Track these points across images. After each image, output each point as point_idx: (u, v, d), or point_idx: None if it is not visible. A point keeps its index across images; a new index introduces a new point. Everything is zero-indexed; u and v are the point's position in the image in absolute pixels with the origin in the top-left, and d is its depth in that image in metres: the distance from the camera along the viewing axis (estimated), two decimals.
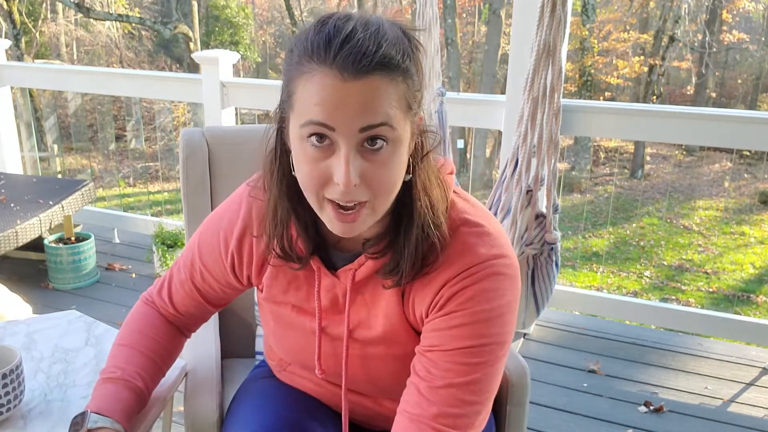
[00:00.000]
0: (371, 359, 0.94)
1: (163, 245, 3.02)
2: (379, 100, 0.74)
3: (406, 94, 0.78)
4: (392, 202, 0.83)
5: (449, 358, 0.83)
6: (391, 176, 0.79)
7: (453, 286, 0.84)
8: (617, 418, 2.12)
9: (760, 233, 8.66)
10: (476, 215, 0.88)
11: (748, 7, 13.28)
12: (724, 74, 14.85)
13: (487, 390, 0.85)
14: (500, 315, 0.84)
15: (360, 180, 0.76)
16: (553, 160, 2.12)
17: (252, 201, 0.96)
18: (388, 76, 0.75)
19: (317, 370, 0.97)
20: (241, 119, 3.55)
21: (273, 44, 17.55)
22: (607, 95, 13.58)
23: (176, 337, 1.08)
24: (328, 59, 0.73)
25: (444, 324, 0.84)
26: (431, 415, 0.83)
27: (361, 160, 0.76)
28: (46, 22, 13.95)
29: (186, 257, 1.04)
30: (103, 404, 0.94)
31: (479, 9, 15.42)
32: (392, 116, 0.76)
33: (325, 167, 0.77)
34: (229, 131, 1.60)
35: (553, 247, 2.17)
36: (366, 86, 0.73)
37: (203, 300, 1.05)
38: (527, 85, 2.08)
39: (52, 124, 10.29)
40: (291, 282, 0.95)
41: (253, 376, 1.18)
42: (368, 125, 0.74)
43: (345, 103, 0.73)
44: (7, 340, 1.33)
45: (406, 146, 0.80)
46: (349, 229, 0.81)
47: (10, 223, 2.76)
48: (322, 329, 0.95)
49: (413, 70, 0.78)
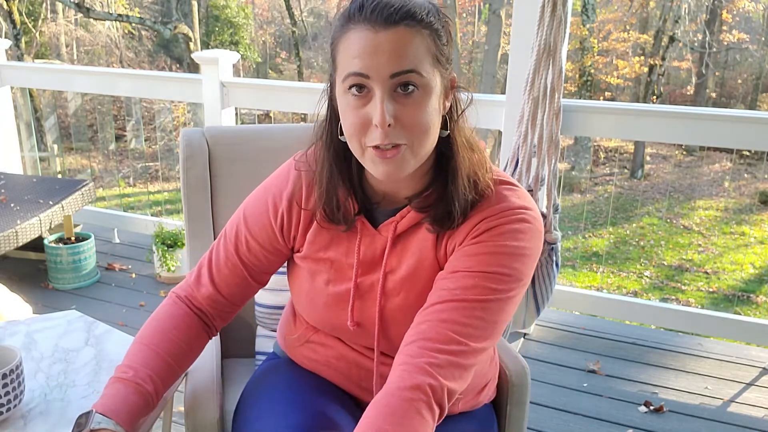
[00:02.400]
0: (392, 311, 0.99)
1: (163, 245, 3.02)
2: (407, 48, 0.85)
3: (433, 47, 0.87)
4: (432, 155, 0.93)
5: (471, 279, 0.90)
6: (424, 118, 0.87)
7: (489, 222, 0.93)
8: (617, 418, 2.12)
9: (760, 233, 8.66)
10: (509, 178, 0.99)
11: (748, 7, 13.28)
12: (724, 74, 14.85)
13: (496, 317, 0.91)
14: (523, 255, 0.92)
15: (395, 121, 0.86)
16: (553, 160, 2.12)
17: (299, 171, 1.03)
18: (414, 27, 0.85)
19: (349, 322, 1.01)
20: (241, 119, 3.56)
21: (273, 44, 17.55)
22: (607, 95, 13.56)
23: (199, 337, 1.08)
24: (362, 17, 0.85)
25: (473, 250, 0.92)
26: (442, 318, 0.89)
27: (395, 104, 0.86)
28: (46, 22, 13.95)
29: (227, 235, 1.07)
30: (110, 405, 0.94)
31: (479, 9, 15.43)
32: (420, 64, 0.86)
33: (365, 114, 0.87)
34: (229, 131, 1.60)
35: (554, 247, 2.17)
36: (394, 35, 0.84)
37: (247, 274, 1.07)
38: (527, 85, 2.08)
39: (52, 124, 10.28)
40: (333, 239, 1.02)
41: (266, 368, 1.18)
42: (398, 71, 0.85)
43: (377, 52, 0.84)
44: (7, 340, 1.33)
45: (437, 95, 0.89)
46: (392, 169, 0.88)
47: (10, 223, 2.76)
48: (357, 284, 1.00)
49: (440, 29, 0.88)
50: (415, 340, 0.89)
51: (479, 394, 1.13)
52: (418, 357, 0.87)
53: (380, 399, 0.85)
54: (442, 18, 0.89)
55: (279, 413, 1.01)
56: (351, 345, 1.06)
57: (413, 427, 0.82)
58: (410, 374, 0.85)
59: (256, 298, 1.45)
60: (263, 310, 1.44)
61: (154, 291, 2.98)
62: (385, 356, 1.03)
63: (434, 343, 0.87)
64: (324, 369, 1.10)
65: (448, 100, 0.94)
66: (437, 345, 0.87)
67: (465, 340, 0.88)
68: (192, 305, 1.08)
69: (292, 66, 16.08)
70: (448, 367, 0.86)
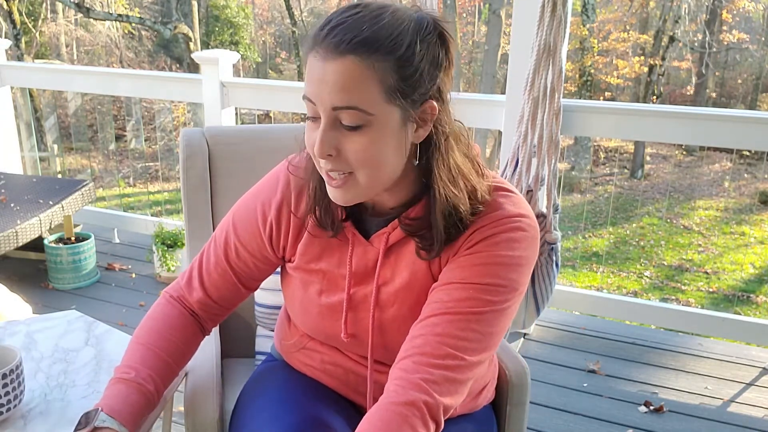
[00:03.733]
0: (386, 321, 0.98)
1: (163, 245, 3.02)
2: (352, 83, 0.80)
3: (390, 80, 0.81)
4: (407, 167, 0.89)
5: (465, 291, 0.89)
6: (370, 153, 0.84)
7: (484, 231, 0.91)
8: (617, 418, 2.12)
9: (760, 233, 8.66)
10: (506, 184, 0.97)
11: (748, 7, 13.27)
12: (724, 74, 14.84)
13: (492, 329, 0.89)
14: (519, 264, 0.91)
15: (336, 153, 0.84)
16: (553, 160, 2.12)
17: (290, 176, 1.02)
18: (366, 60, 0.80)
19: (343, 334, 1.00)
20: (241, 119, 3.56)
21: (273, 44, 17.55)
22: (607, 95, 13.56)
23: (194, 336, 1.08)
24: (319, 41, 0.82)
25: (468, 261, 0.90)
26: (436, 332, 0.87)
27: (338, 134, 0.84)
28: (46, 22, 13.94)
29: (217, 240, 1.07)
30: (113, 405, 0.94)
31: (479, 9, 15.43)
32: (365, 101, 0.81)
33: (315, 138, 0.85)
34: (229, 131, 1.60)
35: (554, 247, 2.17)
36: (341, 67, 0.80)
37: (237, 280, 1.06)
38: (527, 85, 2.08)
39: (52, 124, 10.28)
40: (325, 249, 1.00)
41: (263, 370, 1.18)
42: (339, 106, 0.82)
43: (322, 81, 0.82)
44: (7, 340, 1.33)
45: (393, 129, 0.84)
46: (340, 195, 0.88)
47: (10, 223, 2.76)
48: (350, 295, 0.99)
49: (410, 56, 0.81)
50: (411, 354, 0.87)
51: (477, 397, 1.12)
52: (413, 372, 0.85)
53: (374, 413, 0.84)
54: (423, 43, 0.82)
55: (272, 415, 1.01)
56: (346, 353, 1.06)
57: None
58: (405, 390, 0.84)
59: (256, 298, 1.45)
60: (263, 310, 1.44)
61: (154, 291, 2.97)
62: (380, 364, 1.02)
63: (429, 358, 0.86)
64: (320, 375, 1.09)
65: (424, 129, 0.87)
66: (432, 360, 0.86)
67: (461, 354, 0.86)
68: (185, 305, 1.08)
69: (292, 66, 16.08)
70: (444, 383, 0.85)
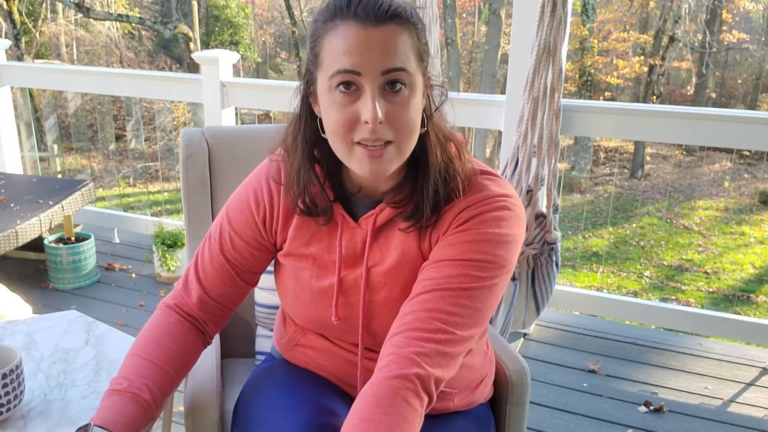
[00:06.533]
0: (377, 304, 0.99)
1: (163, 245, 3.02)
2: (397, 46, 0.86)
3: (418, 45, 0.90)
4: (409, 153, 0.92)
5: (455, 268, 0.91)
6: (410, 116, 0.89)
7: (472, 210, 0.94)
8: (617, 418, 2.12)
9: (760, 233, 8.66)
10: (489, 169, 1.00)
11: (748, 7, 13.27)
12: (724, 74, 14.85)
13: (481, 305, 0.92)
14: (506, 242, 0.93)
15: (384, 118, 0.86)
16: (553, 160, 2.12)
17: (275, 163, 1.04)
18: (403, 25, 0.87)
19: (333, 317, 1.01)
20: (241, 119, 3.56)
21: (273, 44, 17.55)
22: (607, 95, 13.56)
23: (194, 343, 1.06)
24: (350, 13, 0.85)
25: (457, 239, 0.93)
26: (428, 308, 0.89)
27: (384, 101, 0.87)
28: (46, 22, 13.95)
29: (212, 235, 1.08)
30: (106, 417, 0.92)
31: (479, 9, 15.43)
32: (408, 62, 0.87)
33: (353, 110, 0.87)
34: (229, 131, 1.60)
35: (554, 247, 2.17)
36: (385, 32, 0.85)
37: (234, 273, 1.06)
38: (527, 85, 2.08)
39: (52, 124, 10.28)
40: (314, 234, 1.02)
41: (263, 368, 1.19)
42: (389, 68, 0.86)
43: (368, 49, 0.85)
44: (7, 340, 1.33)
45: (420, 94, 0.91)
46: (378, 167, 0.89)
47: (10, 223, 2.76)
48: (341, 279, 1.00)
49: (421, 27, 0.91)
50: (402, 330, 0.89)
51: (475, 391, 1.12)
52: (404, 347, 0.87)
53: (367, 389, 0.86)
54: (418, 15, 0.92)
55: (285, 407, 1.01)
56: (337, 343, 1.06)
57: (401, 414, 0.83)
58: (397, 364, 0.86)
59: (256, 298, 1.45)
60: (263, 310, 1.44)
61: (154, 291, 2.98)
62: (370, 351, 1.03)
63: (420, 332, 0.88)
64: (315, 368, 1.10)
65: (425, 97, 0.95)
66: (423, 334, 0.88)
67: (451, 329, 0.88)
68: (183, 312, 1.07)
69: (292, 66, 16.08)
70: (435, 355, 0.87)
